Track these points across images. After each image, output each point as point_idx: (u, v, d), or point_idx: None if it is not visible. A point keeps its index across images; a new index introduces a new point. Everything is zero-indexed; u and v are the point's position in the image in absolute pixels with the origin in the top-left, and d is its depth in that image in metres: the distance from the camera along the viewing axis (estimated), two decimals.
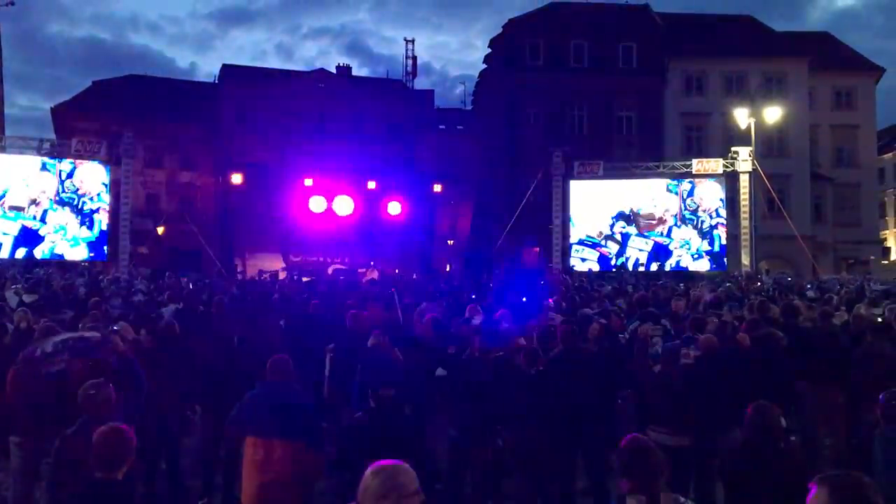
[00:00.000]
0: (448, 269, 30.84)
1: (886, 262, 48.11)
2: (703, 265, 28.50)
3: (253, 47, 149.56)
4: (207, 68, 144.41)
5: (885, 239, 52.05)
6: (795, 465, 4.65)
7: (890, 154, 53.19)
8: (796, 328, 9.42)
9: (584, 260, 29.72)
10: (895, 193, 54.30)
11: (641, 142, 39.90)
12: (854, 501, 2.59)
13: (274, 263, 28.73)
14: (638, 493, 3.42)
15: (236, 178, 28.69)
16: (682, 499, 3.52)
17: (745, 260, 27.75)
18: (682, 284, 18.80)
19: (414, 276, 22.79)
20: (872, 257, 42.00)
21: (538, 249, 33.62)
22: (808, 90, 41.33)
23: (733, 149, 28.96)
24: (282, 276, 24.42)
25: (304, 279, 21.01)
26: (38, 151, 26.50)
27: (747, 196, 28.20)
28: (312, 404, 5.73)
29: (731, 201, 29.05)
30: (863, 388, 7.43)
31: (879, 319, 9.88)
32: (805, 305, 11.57)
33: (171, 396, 7.48)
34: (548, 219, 30.12)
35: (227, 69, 47.95)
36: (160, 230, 32.25)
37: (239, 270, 27.15)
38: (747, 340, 8.07)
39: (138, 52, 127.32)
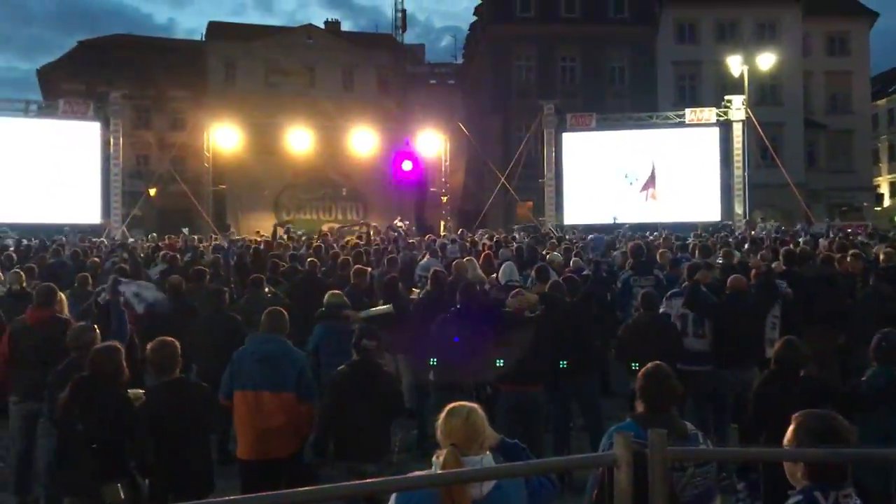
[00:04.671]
0: (442, 224, 30.78)
1: (879, 208, 48.18)
2: (698, 215, 28.45)
3: (231, 1, 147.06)
4: (186, 24, 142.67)
5: (878, 185, 52.02)
6: (818, 391, 4.98)
7: (883, 100, 52.80)
8: (797, 274, 9.49)
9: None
10: (888, 140, 54.10)
11: (634, 92, 39.58)
12: (818, 432, 2.74)
13: (266, 223, 28.65)
14: (650, 415, 3.60)
15: (227, 137, 28.46)
16: (692, 427, 3.65)
17: (739, 209, 27.79)
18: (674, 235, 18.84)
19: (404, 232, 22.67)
20: (865, 204, 42.04)
21: (531, 203, 33.58)
22: (801, 36, 40.93)
23: (726, 97, 28.77)
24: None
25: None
26: (25, 113, 26.24)
27: (740, 145, 28.11)
28: (300, 355, 5.78)
29: (725, 150, 28.95)
30: (863, 330, 7.61)
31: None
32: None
33: None
34: (541, 172, 30.01)
35: (213, 26, 47.25)
36: (152, 192, 32.08)
37: (231, 231, 27.07)
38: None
39: (113, 8, 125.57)
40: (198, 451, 5.00)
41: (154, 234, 22.75)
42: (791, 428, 2.82)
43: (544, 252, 13.69)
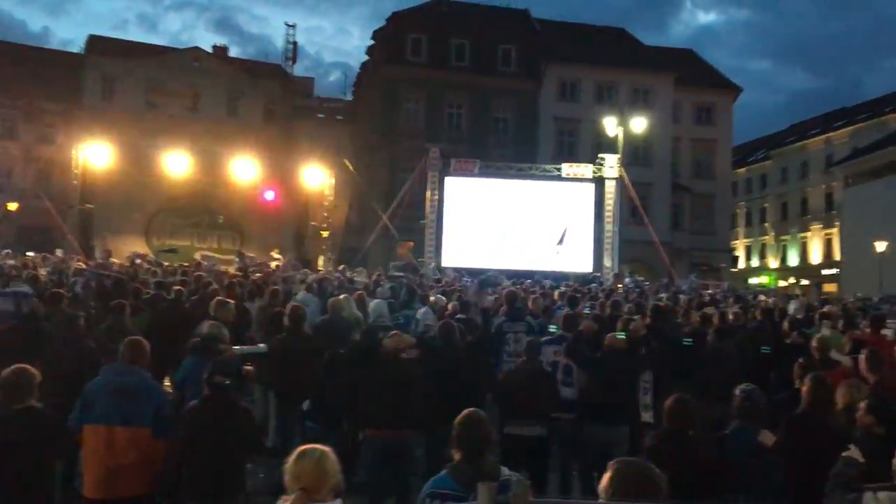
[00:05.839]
0: (322, 259, 30.42)
1: (735, 269, 51.57)
2: (570, 265, 29.33)
3: (112, 15, 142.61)
4: (63, 34, 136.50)
5: (735, 248, 55.76)
6: (704, 450, 5.15)
7: (743, 169, 56.99)
8: (662, 330, 9.88)
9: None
10: (746, 206, 58.26)
11: (516, 143, 40.86)
12: (632, 482, 2.84)
13: (136, 246, 27.40)
14: (464, 464, 3.69)
15: (99, 155, 27.18)
16: (507, 471, 3.70)
17: (608, 263, 28.84)
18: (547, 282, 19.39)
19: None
20: (723, 265, 44.84)
21: (413, 243, 33.75)
22: (672, 104, 43.61)
23: (601, 155, 30.01)
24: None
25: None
26: None
27: (612, 201, 29.30)
28: (160, 389, 5.52)
29: (598, 205, 30.11)
30: (708, 386, 8.04)
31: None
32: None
33: None
34: (424, 213, 30.24)
35: (93, 40, 45.39)
36: (12, 206, 30.16)
37: (98, 254, 25.69)
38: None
39: None
40: (43, 485, 4.71)
41: (8, 251, 21.19)
42: (607, 476, 2.89)
43: (425, 293, 13.78)
